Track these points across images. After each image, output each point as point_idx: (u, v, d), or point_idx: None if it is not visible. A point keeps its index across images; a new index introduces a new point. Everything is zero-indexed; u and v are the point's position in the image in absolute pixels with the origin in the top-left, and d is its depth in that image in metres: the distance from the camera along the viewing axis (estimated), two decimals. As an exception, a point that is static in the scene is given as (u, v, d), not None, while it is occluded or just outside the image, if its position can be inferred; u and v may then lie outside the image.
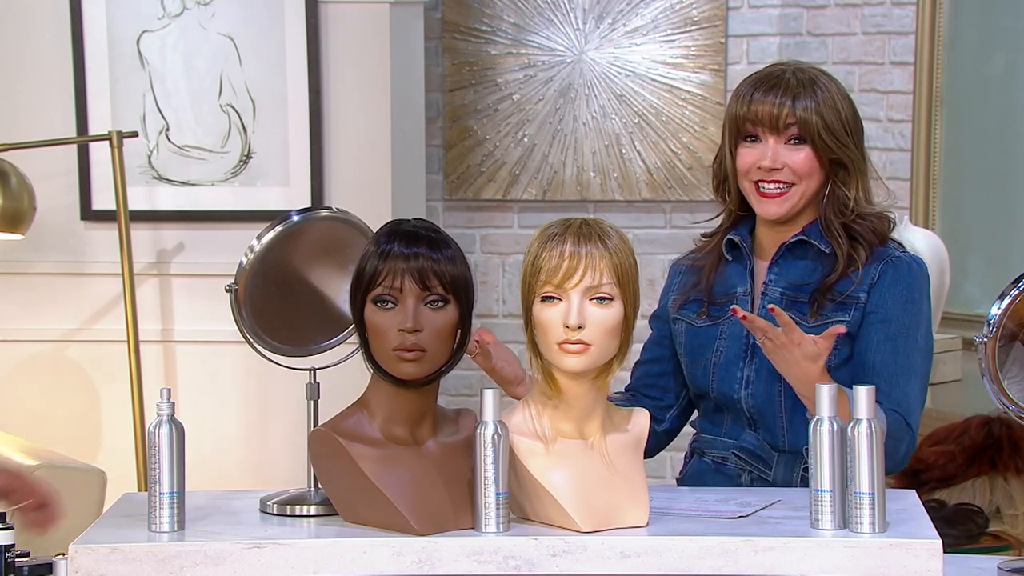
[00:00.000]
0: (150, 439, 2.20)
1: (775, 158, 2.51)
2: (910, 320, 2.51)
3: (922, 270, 2.55)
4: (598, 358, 2.15)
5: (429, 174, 4.70)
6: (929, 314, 2.55)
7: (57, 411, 4.06)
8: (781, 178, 2.52)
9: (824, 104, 2.51)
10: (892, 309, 2.50)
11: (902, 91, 4.50)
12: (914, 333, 2.51)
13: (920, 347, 2.52)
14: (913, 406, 2.49)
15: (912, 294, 2.52)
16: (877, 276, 2.51)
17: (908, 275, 2.52)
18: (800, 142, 2.51)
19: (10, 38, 4.04)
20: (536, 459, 2.16)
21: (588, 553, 2.12)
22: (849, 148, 2.52)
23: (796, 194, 2.52)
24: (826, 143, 2.50)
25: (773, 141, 2.52)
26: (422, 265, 2.15)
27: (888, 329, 2.50)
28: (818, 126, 2.49)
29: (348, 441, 2.17)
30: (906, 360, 2.50)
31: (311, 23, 4.02)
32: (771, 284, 2.56)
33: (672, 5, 4.80)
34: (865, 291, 2.51)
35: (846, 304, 2.51)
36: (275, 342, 2.40)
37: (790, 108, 2.50)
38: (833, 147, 2.51)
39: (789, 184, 2.52)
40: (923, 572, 2.10)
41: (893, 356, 2.49)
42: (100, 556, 2.12)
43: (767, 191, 2.53)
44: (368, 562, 2.12)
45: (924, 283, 2.54)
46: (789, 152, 2.51)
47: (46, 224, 3.99)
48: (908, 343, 2.50)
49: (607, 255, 2.14)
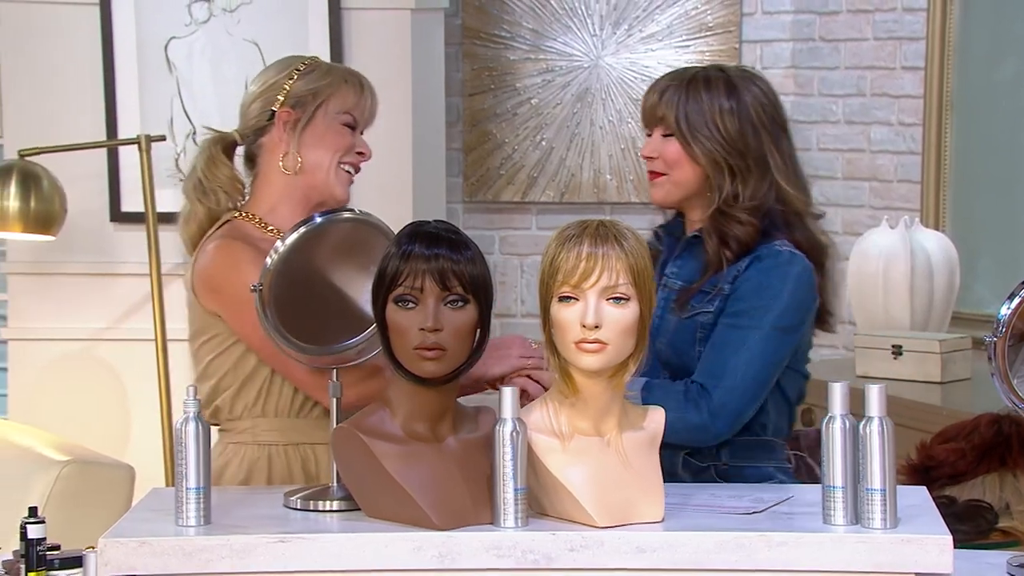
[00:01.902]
0: (177, 436, 2.20)
1: (653, 147, 2.62)
2: (759, 303, 2.52)
3: (791, 263, 2.54)
4: (614, 357, 2.14)
5: (449, 177, 4.70)
6: (792, 303, 2.54)
7: (87, 408, 4.07)
8: (655, 167, 2.62)
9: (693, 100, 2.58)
10: (744, 293, 2.54)
11: (913, 95, 4.48)
12: (760, 315, 2.52)
13: (763, 328, 2.51)
14: (725, 376, 2.49)
15: (768, 280, 2.53)
16: (743, 269, 2.56)
17: (770, 264, 2.54)
18: (670, 136, 2.60)
19: (43, 46, 4.05)
20: (554, 456, 2.16)
21: (605, 548, 2.12)
22: (722, 147, 2.56)
23: (667, 182, 2.61)
24: (685, 137, 2.58)
25: (655, 134, 2.62)
26: (442, 266, 2.15)
27: (734, 308, 2.54)
28: (680, 121, 2.57)
29: (370, 438, 2.17)
30: (740, 336, 2.51)
31: (334, 29, 4.02)
32: (671, 277, 2.64)
33: (687, 11, 4.79)
34: (730, 283, 2.55)
35: (713, 297, 2.55)
36: (299, 341, 2.40)
37: (655, 101, 2.61)
38: (691, 142, 2.57)
39: (661, 173, 2.61)
40: (934, 567, 2.10)
41: (727, 331, 2.52)
42: (129, 549, 2.12)
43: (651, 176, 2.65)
44: (389, 556, 2.12)
45: (788, 273, 2.54)
46: (663, 144, 2.61)
47: (77, 226, 4.00)
48: (749, 322, 2.51)
49: (623, 256, 2.14)
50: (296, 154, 2.63)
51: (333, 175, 2.64)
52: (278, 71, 2.68)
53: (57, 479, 3.41)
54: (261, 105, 2.66)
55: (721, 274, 2.55)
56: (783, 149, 2.62)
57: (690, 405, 2.49)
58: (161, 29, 4.05)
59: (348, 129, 2.66)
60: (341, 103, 2.65)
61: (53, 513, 3.07)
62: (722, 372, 2.50)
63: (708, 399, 2.50)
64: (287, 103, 2.64)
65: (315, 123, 2.64)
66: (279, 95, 2.64)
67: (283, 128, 2.64)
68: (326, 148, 2.64)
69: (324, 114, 2.64)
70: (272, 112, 2.65)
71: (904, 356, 3.91)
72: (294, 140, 2.63)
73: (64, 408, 4.05)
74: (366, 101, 2.69)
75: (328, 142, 2.64)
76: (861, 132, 4.63)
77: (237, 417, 2.61)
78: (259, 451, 2.60)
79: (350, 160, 2.66)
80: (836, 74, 4.68)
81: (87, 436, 3.89)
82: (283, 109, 2.64)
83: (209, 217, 2.67)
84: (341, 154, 2.65)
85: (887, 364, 3.92)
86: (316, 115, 2.64)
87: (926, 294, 4.09)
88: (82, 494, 3.43)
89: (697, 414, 2.49)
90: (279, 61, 2.74)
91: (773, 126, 2.61)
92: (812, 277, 2.57)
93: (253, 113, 2.67)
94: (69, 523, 3.16)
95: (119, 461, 3.64)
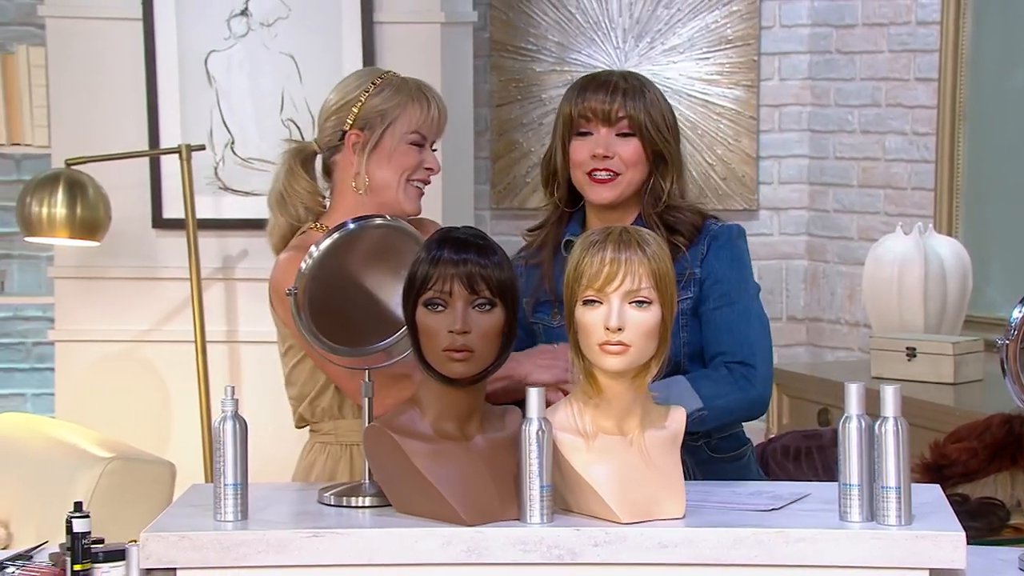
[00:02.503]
0: (215, 434, 2.21)
1: (607, 147, 2.58)
2: (737, 275, 2.60)
3: (739, 230, 2.63)
4: (637, 358, 2.14)
5: (477, 184, 4.69)
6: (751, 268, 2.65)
7: (130, 407, 4.08)
8: (611, 166, 2.59)
9: (650, 104, 2.60)
10: (721, 270, 2.59)
11: (927, 106, 4.46)
12: (744, 285, 2.59)
13: (752, 294, 2.60)
14: (756, 348, 2.56)
15: (735, 252, 2.60)
16: (706, 250, 2.59)
17: (727, 238, 2.61)
18: (629, 135, 2.59)
19: (89, 60, 4.07)
20: (578, 454, 2.15)
21: (627, 543, 2.11)
22: (670, 145, 2.61)
23: (624, 181, 2.59)
24: (652, 137, 2.59)
25: (605, 132, 2.59)
26: (470, 270, 2.15)
27: (722, 287, 2.58)
28: (645, 121, 2.58)
29: (401, 437, 2.17)
30: (743, 309, 2.57)
31: (367, 42, 4.03)
32: None
33: (708, 25, 4.78)
34: (699, 265, 2.58)
35: (687, 283, 2.56)
36: (332, 342, 2.40)
37: (620, 103, 2.58)
38: (658, 141, 2.59)
39: (617, 173, 2.59)
40: (948, 563, 2.08)
41: (731, 308, 2.57)
42: (169, 543, 2.13)
43: (599, 177, 2.59)
44: (419, 551, 2.12)
45: (742, 241, 2.63)
46: (619, 143, 2.59)
47: (120, 232, 4.01)
48: (742, 295, 2.58)
49: (646, 261, 2.13)
50: (365, 175, 2.60)
51: (402, 193, 2.62)
52: (352, 87, 2.64)
53: (101, 475, 3.42)
54: (334, 124, 2.63)
55: (683, 259, 2.56)
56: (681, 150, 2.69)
57: (744, 383, 2.53)
58: (201, 43, 4.06)
59: (415, 148, 2.62)
60: (408, 123, 2.61)
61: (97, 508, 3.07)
62: (752, 346, 2.55)
63: (755, 373, 2.54)
64: (356, 124, 2.60)
65: (383, 144, 2.60)
66: (349, 116, 2.61)
67: (352, 150, 2.61)
68: (393, 168, 2.61)
69: (392, 135, 2.60)
70: (343, 132, 2.62)
71: (918, 358, 3.89)
72: (362, 161, 2.60)
73: (108, 407, 4.07)
74: (433, 116, 2.64)
75: (395, 162, 2.61)
76: (876, 141, 4.61)
77: (319, 420, 2.62)
78: (342, 451, 2.61)
79: (419, 177, 2.64)
80: (852, 85, 4.66)
81: (130, 434, 3.90)
82: (352, 131, 2.61)
83: (291, 228, 2.64)
84: (409, 173, 2.62)
85: (901, 366, 3.91)
86: (384, 136, 2.60)
87: (939, 298, 4.07)
88: (125, 490, 3.44)
89: (753, 388, 2.53)
90: (356, 74, 2.71)
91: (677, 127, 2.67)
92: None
93: (328, 130, 2.64)
94: (113, 518, 3.16)
95: (160, 458, 3.65)
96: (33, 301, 4.53)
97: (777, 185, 4.83)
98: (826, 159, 4.73)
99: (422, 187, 2.66)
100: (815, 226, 4.80)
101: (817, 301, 4.80)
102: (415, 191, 2.64)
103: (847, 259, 4.68)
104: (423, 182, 2.65)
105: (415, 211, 2.65)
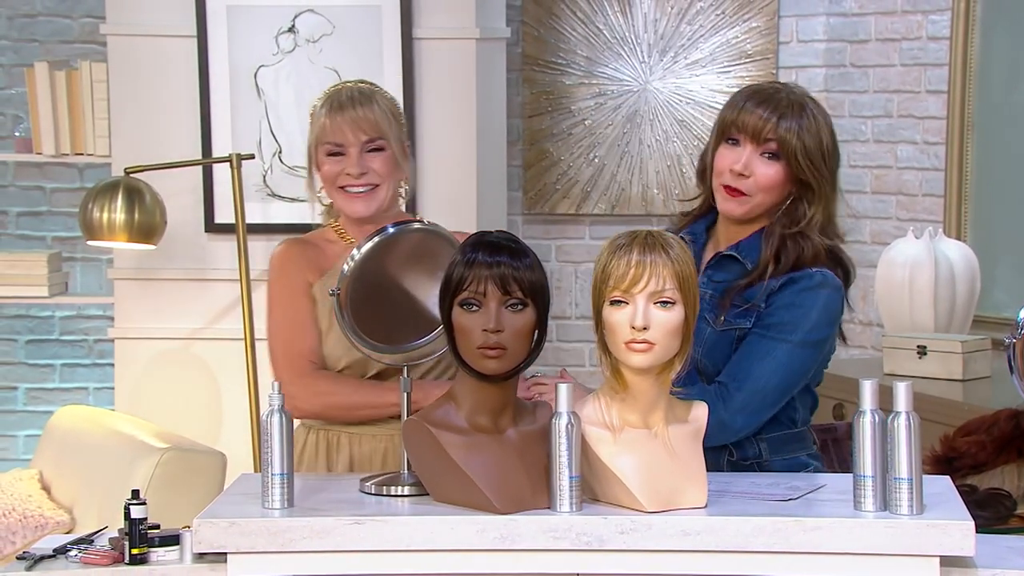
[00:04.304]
0: (264, 426, 2.21)
1: (747, 165, 2.44)
2: (789, 319, 2.41)
3: (822, 284, 2.42)
4: (661, 356, 2.13)
5: (510, 191, 4.69)
6: (821, 321, 2.41)
7: (184, 400, 4.09)
8: (743, 186, 2.44)
9: (806, 129, 2.42)
10: (776, 309, 2.42)
11: (937, 116, 4.43)
12: (789, 329, 2.40)
13: (792, 342, 2.40)
14: (750, 379, 2.38)
15: (800, 300, 2.41)
16: (778, 287, 2.43)
17: (804, 285, 2.42)
18: (775, 158, 2.44)
19: (146, 74, 4.08)
20: (605, 446, 2.14)
21: (652, 531, 2.10)
22: (821, 173, 2.43)
23: (753, 202, 2.45)
24: (800, 164, 2.42)
25: (751, 150, 2.44)
26: (503, 272, 2.14)
27: (764, 322, 2.42)
28: (796, 148, 2.41)
29: (438, 429, 2.17)
30: (768, 346, 2.40)
31: (406, 57, 4.03)
32: (702, 286, 2.42)
33: (728, 40, 4.76)
34: (764, 300, 2.43)
35: (748, 312, 2.44)
36: (372, 340, 2.39)
37: (774, 124, 2.42)
38: (806, 169, 2.42)
39: (748, 194, 2.45)
40: (957, 550, 2.07)
41: (757, 340, 2.41)
42: (220, 529, 2.13)
43: (731, 191, 2.45)
44: (455, 537, 2.11)
45: (819, 294, 2.41)
46: (761, 163, 2.44)
47: (175, 236, 4.02)
48: (778, 335, 2.40)
49: (670, 263, 2.12)
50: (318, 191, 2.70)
51: (340, 201, 2.66)
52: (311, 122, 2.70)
53: (157, 465, 3.43)
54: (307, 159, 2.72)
55: (757, 288, 2.44)
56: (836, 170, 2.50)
57: (718, 403, 2.39)
58: (251, 58, 4.07)
59: (333, 158, 2.64)
60: (318, 139, 2.66)
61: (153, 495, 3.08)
62: (746, 376, 2.41)
63: (730, 399, 2.41)
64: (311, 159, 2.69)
65: (317, 163, 2.67)
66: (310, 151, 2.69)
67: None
68: (324, 183, 2.67)
69: (320, 153, 2.66)
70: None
71: (928, 356, 3.86)
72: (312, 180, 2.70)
73: (164, 400, 4.08)
74: (327, 125, 2.64)
75: (323, 177, 2.67)
76: (888, 150, 4.58)
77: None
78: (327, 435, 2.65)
79: (342, 184, 2.64)
80: (865, 97, 4.63)
81: (184, 426, 3.91)
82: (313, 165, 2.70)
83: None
84: (331, 182, 2.65)
85: (913, 363, 3.88)
86: (317, 157, 2.67)
87: (949, 299, 4.04)
88: (179, 478, 3.44)
89: (723, 410, 2.39)
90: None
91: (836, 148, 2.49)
92: (842, 297, 2.46)
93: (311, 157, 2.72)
94: (168, 505, 3.17)
95: (212, 449, 3.66)
96: (94, 301, 4.55)
97: (794, 192, 4.80)
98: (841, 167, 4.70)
99: (359, 191, 2.63)
100: (830, 230, 4.77)
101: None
102: (348, 195, 2.64)
103: (860, 262, 4.62)
104: (356, 186, 2.63)
105: (356, 213, 2.65)
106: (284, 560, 2.12)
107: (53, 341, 4.66)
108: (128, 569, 2.18)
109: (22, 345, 4.66)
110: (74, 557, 2.21)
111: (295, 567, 2.12)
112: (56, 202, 4.65)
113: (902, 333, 4.01)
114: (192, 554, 2.17)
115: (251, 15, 4.05)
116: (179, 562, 2.19)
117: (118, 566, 2.18)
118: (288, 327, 2.64)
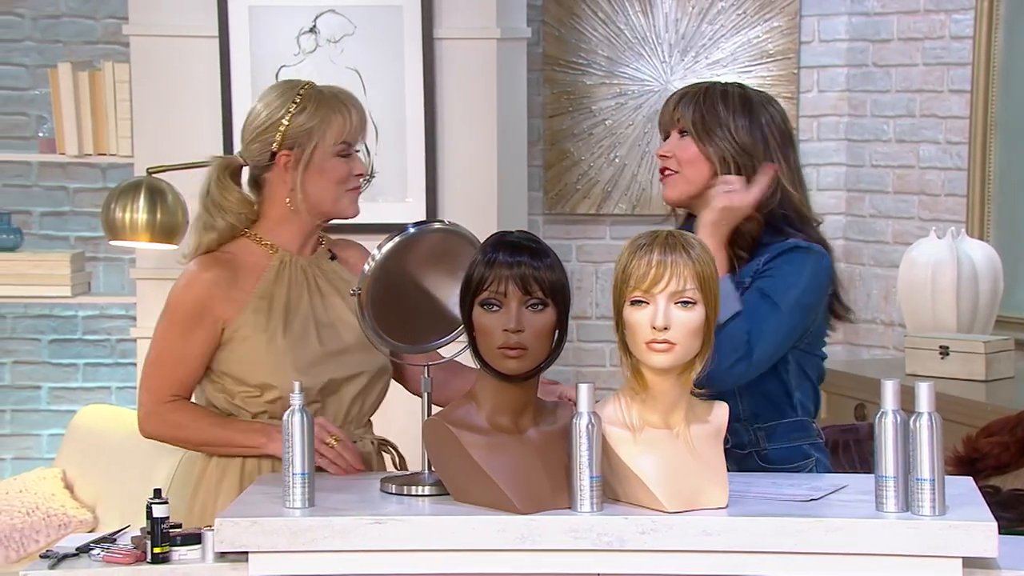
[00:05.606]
0: (285, 426, 2.21)
1: (669, 148, 2.57)
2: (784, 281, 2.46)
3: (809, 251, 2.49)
4: (682, 356, 2.12)
5: (531, 191, 4.68)
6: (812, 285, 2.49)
7: (206, 400, 4.09)
8: (669, 164, 2.57)
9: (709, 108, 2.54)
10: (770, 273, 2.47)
11: (960, 116, 4.41)
12: (785, 290, 2.45)
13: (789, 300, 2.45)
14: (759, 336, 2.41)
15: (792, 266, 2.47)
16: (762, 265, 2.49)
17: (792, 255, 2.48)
18: (684, 134, 2.55)
19: (169, 75, 4.09)
20: (626, 447, 2.14)
21: (673, 531, 2.09)
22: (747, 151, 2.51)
23: (681, 179, 2.55)
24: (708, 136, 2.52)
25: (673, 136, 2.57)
26: (524, 272, 2.14)
27: (761, 283, 2.47)
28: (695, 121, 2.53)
29: (458, 429, 2.17)
30: (770, 304, 2.44)
31: (427, 57, 4.03)
32: None
33: (749, 40, 4.74)
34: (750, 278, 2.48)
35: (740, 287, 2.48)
36: (393, 340, 2.39)
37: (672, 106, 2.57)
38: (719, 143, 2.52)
39: (674, 171, 2.56)
40: (980, 551, 2.05)
41: (759, 297, 2.45)
42: (241, 528, 2.13)
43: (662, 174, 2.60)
44: (476, 537, 2.11)
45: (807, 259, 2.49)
46: (676, 142, 2.56)
47: (197, 236, 4.02)
48: (777, 293, 2.45)
49: (690, 263, 2.11)
50: (300, 190, 2.52)
51: (342, 202, 2.56)
52: (275, 107, 2.53)
53: (179, 464, 3.44)
54: (261, 145, 2.54)
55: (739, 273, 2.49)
56: (790, 159, 2.56)
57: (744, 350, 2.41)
58: (273, 58, 4.08)
59: (343, 158, 2.55)
60: (334, 136, 2.53)
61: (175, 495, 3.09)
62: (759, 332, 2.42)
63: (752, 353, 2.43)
64: (284, 144, 2.52)
65: (314, 161, 2.52)
66: (275, 136, 2.51)
67: (284, 168, 2.53)
68: (327, 182, 2.53)
69: (321, 150, 2.52)
70: (272, 153, 2.53)
71: (951, 356, 3.85)
72: (297, 178, 2.52)
73: (185, 400, 4.08)
74: (354, 124, 2.56)
75: (328, 176, 2.53)
76: (911, 150, 4.56)
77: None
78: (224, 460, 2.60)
79: (351, 185, 2.57)
80: (888, 97, 4.61)
81: (206, 425, 3.91)
82: (282, 152, 2.52)
83: (230, 230, 2.59)
84: (342, 183, 2.55)
85: (935, 363, 3.86)
86: (314, 153, 2.52)
87: (971, 299, 4.02)
88: (201, 477, 3.44)
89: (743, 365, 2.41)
90: (275, 89, 2.60)
91: (783, 138, 2.56)
92: (830, 264, 2.54)
93: (255, 151, 2.55)
94: (189, 503, 3.17)
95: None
96: (117, 300, 4.56)
97: (816, 191, 4.77)
98: (863, 167, 4.68)
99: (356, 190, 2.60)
100: (852, 231, 4.75)
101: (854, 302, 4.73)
102: (352, 195, 2.58)
103: (882, 262, 4.63)
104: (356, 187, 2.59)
105: (355, 214, 2.60)
106: (305, 559, 2.12)
107: (76, 341, 4.68)
108: (150, 568, 2.18)
109: (45, 344, 4.68)
110: (97, 556, 2.21)
111: (316, 566, 2.13)
112: (79, 202, 4.67)
113: (924, 333, 3.99)
114: (214, 553, 2.18)
115: (273, 16, 4.05)
116: (201, 561, 2.19)
117: (140, 565, 2.19)
118: (170, 357, 2.55)
